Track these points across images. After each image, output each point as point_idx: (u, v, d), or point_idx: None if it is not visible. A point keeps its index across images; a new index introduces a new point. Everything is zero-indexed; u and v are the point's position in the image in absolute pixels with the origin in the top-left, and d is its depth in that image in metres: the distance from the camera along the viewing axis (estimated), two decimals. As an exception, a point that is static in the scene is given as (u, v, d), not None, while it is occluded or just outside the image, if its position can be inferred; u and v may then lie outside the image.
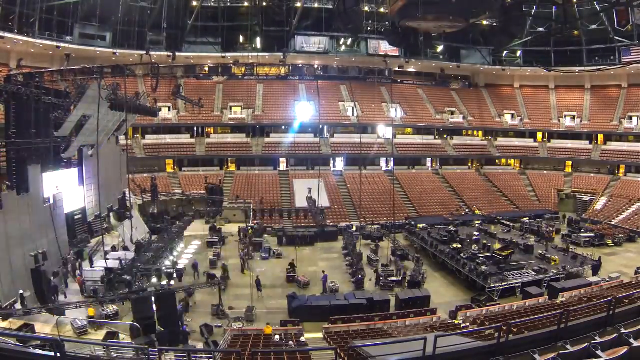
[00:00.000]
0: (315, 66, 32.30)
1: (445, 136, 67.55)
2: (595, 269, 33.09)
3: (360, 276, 31.53)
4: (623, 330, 8.93)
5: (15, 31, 45.24)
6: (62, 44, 49.89)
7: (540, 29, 58.20)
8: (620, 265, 35.48)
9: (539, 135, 67.64)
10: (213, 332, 23.36)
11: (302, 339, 21.50)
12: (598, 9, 48.59)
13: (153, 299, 22.23)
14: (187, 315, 25.63)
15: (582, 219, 51.15)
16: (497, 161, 67.97)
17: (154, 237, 39.16)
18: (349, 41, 62.23)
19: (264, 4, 57.97)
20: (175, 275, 30.63)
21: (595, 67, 56.05)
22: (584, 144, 64.27)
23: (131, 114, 34.87)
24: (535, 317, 16.68)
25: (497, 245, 36.11)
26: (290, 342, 20.72)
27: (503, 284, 28.84)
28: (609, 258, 37.07)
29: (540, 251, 34.95)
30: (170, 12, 54.96)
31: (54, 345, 7.40)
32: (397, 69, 67.31)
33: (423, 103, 68.89)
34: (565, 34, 57.55)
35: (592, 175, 61.34)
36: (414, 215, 50.67)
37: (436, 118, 66.94)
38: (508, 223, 47.16)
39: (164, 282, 27.62)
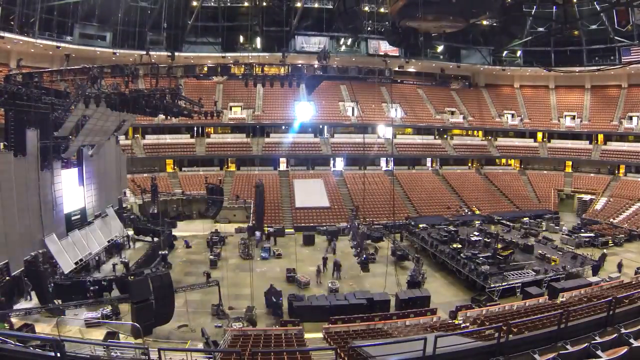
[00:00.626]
0: (315, 66, 32.40)
1: (445, 136, 67.59)
2: (595, 269, 33.10)
3: (365, 256, 31.46)
4: (623, 330, 8.93)
5: (16, 31, 45.28)
6: (62, 44, 49.87)
7: (540, 29, 58.20)
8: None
9: (539, 135, 67.68)
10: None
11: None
12: (598, 9, 48.61)
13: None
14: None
15: (582, 220, 51.17)
16: (497, 161, 68.01)
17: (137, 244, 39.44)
18: (349, 41, 62.33)
19: (264, 4, 57.98)
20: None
21: (595, 67, 56.08)
22: (584, 144, 64.28)
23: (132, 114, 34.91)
24: (535, 317, 16.67)
25: (498, 245, 36.05)
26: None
27: (503, 284, 28.86)
28: (609, 258, 37.02)
29: (540, 251, 34.99)
30: (170, 12, 54.89)
31: (54, 345, 7.40)
32: (397, 69, 67.30)
33: (423, 103, 68.94)
34: (565, 34, 57.58)
35: (592, 175, 61.35)
36: (414, 215, 50.68)
37: (436, 118, 66.97)
38: (508, 223, 47.16)
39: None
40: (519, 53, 66.63)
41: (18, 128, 27.05)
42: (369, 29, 47.02)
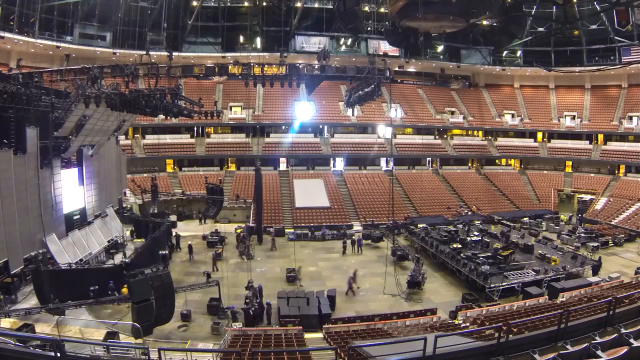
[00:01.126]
0: (315, 66, 32.50)
1: (445, 136, 67.60)
2: (595, 269, 33.07)
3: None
4: (623, 330, 8.95)
5: (15, 31, 45.31)
6: (62, 44, 49.95)
7: (540, 29, 58.20)
8: (620, 265, 35.49)
9: (539, 135, 67.69)
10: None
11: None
12: (598, 9, 48.60)
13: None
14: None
15: (582, 219, 51.20)
16: (497, 161, 68.03)
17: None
18: (349, 41, 62.38)
19: (264, 4, 58.04)
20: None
21: (595, 67, 56.16)
22: (584, 144, 64.27)
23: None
24: (535, 317, 16.67)
25: (498, 245, 36.02)
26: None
27: (503, 283, 28.84)
28: (609, 258, 37.06)
29: (540, 251, 34.99)
30: (170, 12, 55.02)
31: (54, 345, 7.40)
32: (397, 69, 67.38)
33: (423, 103, 68.91)
34: (566, 34, 57.60)
35: (592, 175, 61.34)
36: (414, 215, 50.67)
37: (436, 118, 66.97)
38: (508, 223, 47.19)
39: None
40: (519, 53, 66.60)
41: (18, 126, 27.04)
42: (369, 29, 46.99)
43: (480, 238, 37.93)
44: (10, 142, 26.65)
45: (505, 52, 66.12)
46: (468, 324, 21.80)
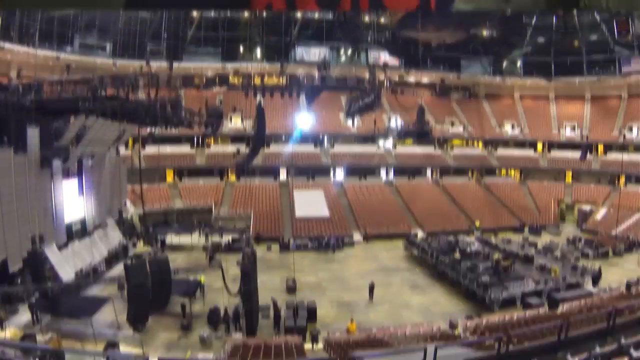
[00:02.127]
0: (315, 77, 32.75)
1: (445, 146, 67.64)
2: (596, 280, 32.99)
3: None
4: (623, 341, 8.92)
5: (16, 41, 45.52)
6: (62, 55, 50.22)
7: (541, 39, 58.46)
8: (621, 276, 35.36)
9: (539, 145, 67.69)
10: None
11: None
12: (598, 19, 48.87)
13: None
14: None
15: (582, 230, 51.20)
16: (497, 171, 67.91)
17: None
18: (349, 51, 62.62)
19: (264, 14, 58.39)
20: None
21: (595, 78, 56.33)
22: (584, 154, 64.16)
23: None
24: (536, 327, 16.61)
25: (497, 255, 35.93)
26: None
27: (503, 294, 28.77)
28: (610, 268, 36.97)
29: (540, 262, 34.92)
30: (170, 22, 55.30)
31: (54, 356, 7.39)
32: (397, 79, 67.56)
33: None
34: (566, 44, 57.86)
35: (592, 185, 61.28)
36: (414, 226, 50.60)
37: (436, 128, 66.96)
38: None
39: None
40: (519, 63, 66.85)
41: (18, 125, 27.01)
42: (369, 39, 47.24)
43: (480, 249, 37.92)
44: (11, 141, 26.67)
45: (506, 62, 66.36)
46: (468, 334, 21.71)
